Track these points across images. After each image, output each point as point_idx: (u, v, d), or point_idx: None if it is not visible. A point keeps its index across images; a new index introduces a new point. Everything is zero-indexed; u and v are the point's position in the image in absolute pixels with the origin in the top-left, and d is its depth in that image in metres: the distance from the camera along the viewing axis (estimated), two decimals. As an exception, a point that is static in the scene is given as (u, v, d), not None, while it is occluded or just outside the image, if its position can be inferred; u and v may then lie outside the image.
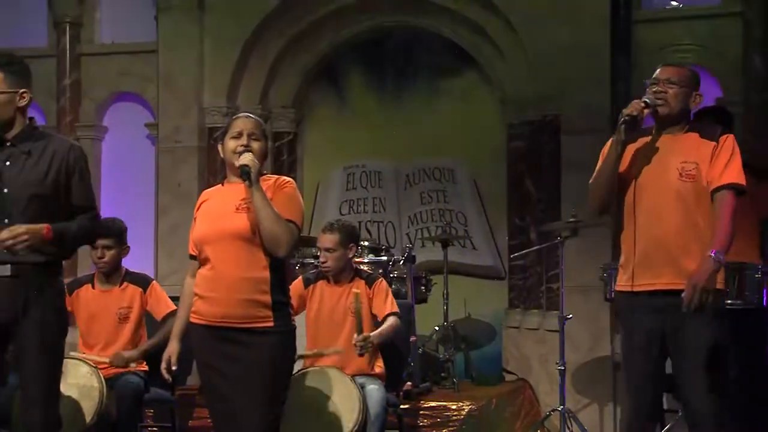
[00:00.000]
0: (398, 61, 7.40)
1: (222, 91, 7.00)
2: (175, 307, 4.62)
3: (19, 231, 3.34)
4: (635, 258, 3.50)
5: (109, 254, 4.67)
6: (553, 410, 5.67)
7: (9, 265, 3.42)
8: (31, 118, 3.62)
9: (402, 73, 7.39)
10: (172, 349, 3.54)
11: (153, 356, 4.73)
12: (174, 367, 3.52)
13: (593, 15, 6.35)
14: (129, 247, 4.80)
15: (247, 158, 3.37)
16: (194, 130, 6.97)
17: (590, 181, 3.65)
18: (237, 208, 3.38)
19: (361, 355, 4.41)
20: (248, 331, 3.35)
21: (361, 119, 7.46)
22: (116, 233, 4.71)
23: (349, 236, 4.63)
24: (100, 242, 4.63)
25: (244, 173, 3.34)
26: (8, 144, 3.52)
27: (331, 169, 7.55)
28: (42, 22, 7.32)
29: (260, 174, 3.45)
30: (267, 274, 3.37)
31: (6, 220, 3.41)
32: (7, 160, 3.50)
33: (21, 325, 3.43)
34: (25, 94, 3.54)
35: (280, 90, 7.34)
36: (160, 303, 4.79)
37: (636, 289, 3.51)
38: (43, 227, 3.39)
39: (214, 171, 6.96)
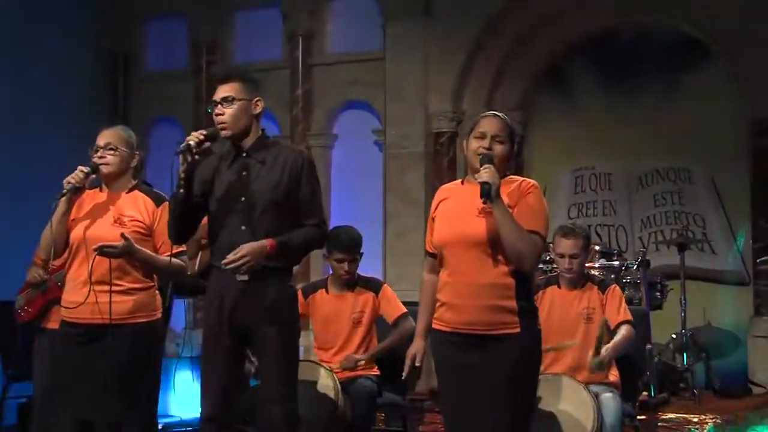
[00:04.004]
0: (627, 59, 7.19)
1: (448, 96, 7.03)
2: (405, 310, 4.70)
3: (242, 253, 3.42)
4: None
5: (353, 267, 4.80)
6: (810, 427, 5.26)
7: None
8: (262, 129, 3.74)
9: (632, 71, 7.19)
10: (418, 347, 3.49)
11: (384, 360, 4.81)
12: (418, 365, 3.47)
13: None
14: (363, 253, 4.90)
15: (486, 174, 3.18)
16: (421, 135, 7.04)
17: None
18: (479, 212, 3.24)
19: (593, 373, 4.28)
20: (495, 338, 3.24)
21: (590, 120, 7.31)
22: (359, 245, 4.82)
23: (588, 240, 4.58)
24: (346, 257, 4.74)
25: (483, 192, 3.15)
26: (244, 155, 3.66)
27: (559, 172, 7.44)
28: (277, 36, 7.66)
29: (504, 176, 3.31)
30: (511, 279, 3.23)
31: (243, 227, 3.53)
32: (244, 170, 3.63)
33: (260, 328, 3.54)
34: (258, 102, 3.67)
35: (506, 93, 7.29)
36: (391, 306, 4.84)
37: None
38: (266, 245, 3.46)
39: (440, 176, 7.00)
